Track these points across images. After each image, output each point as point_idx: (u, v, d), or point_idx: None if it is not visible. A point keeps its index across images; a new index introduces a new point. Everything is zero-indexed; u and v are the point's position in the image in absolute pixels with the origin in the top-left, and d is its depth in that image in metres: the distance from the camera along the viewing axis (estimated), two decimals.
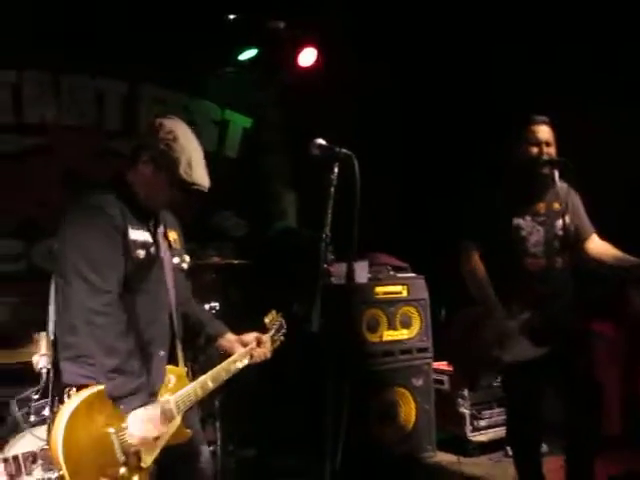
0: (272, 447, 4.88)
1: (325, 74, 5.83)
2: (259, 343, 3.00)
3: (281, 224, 6.46)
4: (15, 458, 3.34)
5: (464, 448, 4.94)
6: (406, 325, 4.91)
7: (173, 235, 2.86)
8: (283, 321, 3.24)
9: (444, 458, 4.90)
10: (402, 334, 4.89)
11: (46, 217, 5.13)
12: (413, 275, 5.06)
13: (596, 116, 4.74)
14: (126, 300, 2.51)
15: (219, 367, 2.85)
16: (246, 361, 2.94)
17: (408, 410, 4.84)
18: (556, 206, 3.45)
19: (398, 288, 4.91)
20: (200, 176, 2.68)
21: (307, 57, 5.94)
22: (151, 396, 2.49)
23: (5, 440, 3.40)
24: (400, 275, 5.02)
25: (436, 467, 4.79)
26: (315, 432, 2.78)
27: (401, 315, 4.89)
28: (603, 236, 3.61)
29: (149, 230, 2.70)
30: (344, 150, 2.59)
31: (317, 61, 5.92)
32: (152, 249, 2.67)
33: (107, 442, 2.36)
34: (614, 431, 4.67)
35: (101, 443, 2.34)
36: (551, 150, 3.46)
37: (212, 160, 2.84)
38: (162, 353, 2.66)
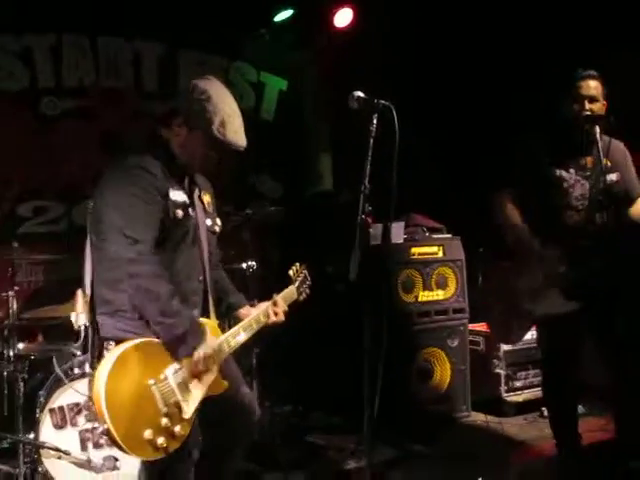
0: (308, 403, 4.96)
1: (362, 34, 5.77)
2: (275, 304, 3.01)
3: (318, 187, 6.47)
4: (60, 409, 3.48)
5: (499, 408, 4.96)
6: (442, 286, 4.91)
7: (207, 198, 2.88)
8: (307, 273, 3.26)
9: (479, 418, 4.92)
10: (438, 295, 4.89)
11: (86, 179, 5.23)
12: (449, 236, 5.05)
13: None
14: (164, 258, 2.55)
15: (250, 318, 2.88)
16: (266, 319, 2.95)
17: (443, 370, 4.87)
18: (605, 162, 3.37)
19: (434, 249, 4.90)
20: (235, 135, 2.67)
21: (343, 17, 5.88)
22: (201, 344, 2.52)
23: (50, 394, 3.53)
24: (436, 236, 5.02)
25: (471, 427, 4.82)
26: (352, 388, 2.82)
27: (437, 276, 4.89)
28: None
29: (185, 191, 2.72)
30: (383, 101, 2.58)
31: (353, 21, 5.87)
32: (190, 209, 2.70)
33: (148, 394, 2.38)
34: None
35: (142, 395, 2.37)
36: (596, 106, 3.37)
37: (248, 123, 2.84)
38: (195, 313, 2.69)
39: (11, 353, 3.70)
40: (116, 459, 3.44)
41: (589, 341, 3.52)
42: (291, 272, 3.22)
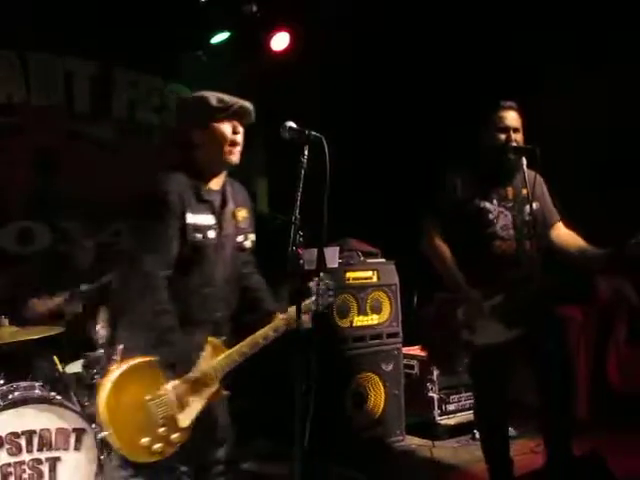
0: (244, 430, 4.88)
1: (298, 58, 5.80)
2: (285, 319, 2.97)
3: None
4: None
5: (432, 432, 4.99)
6: (376, 310, 4.93)
7: (242, 213, 2.91)
8: (329, 283, 3.05)
9: (413, 442, 4.94)
10: (372, 319, 4.91)
11: (16, 199, 5.08)
12: (383, 261, 5.07)
13: (565, 100, 4.79)
14: (177, 280, 2.67)
15: (256, 334, 2.87)
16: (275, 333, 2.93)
17: (378, 395, 4.87)
18: (524, 192, 3.46)
19: (368, 273, 4.93)
20: (232, 98, 2.75)
21: (280, 41, 5.91)
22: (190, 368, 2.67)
23: None
24: (370, 260, 5.04)
25: (405, 451, 4.83)
26: (284, 416, 2.79)
27: (371, 300, 4.91)
28: (569, 223, 3.63)
29: (213, 212, 2.77)
30: (314, 133, 2.59)
31: (290, 45, 5.90)
32: (209, 232, 2.74)
33: (145, 407, 2.62)
34: (582, 415, 4.75)
35: (140, 408, 2.62)
36: (518, 136, 3.46)
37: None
38: (201, 331, 2.77)
39: None
40: None
41: (521, 364, 3.57)
42: (312, 284, 3.13)
